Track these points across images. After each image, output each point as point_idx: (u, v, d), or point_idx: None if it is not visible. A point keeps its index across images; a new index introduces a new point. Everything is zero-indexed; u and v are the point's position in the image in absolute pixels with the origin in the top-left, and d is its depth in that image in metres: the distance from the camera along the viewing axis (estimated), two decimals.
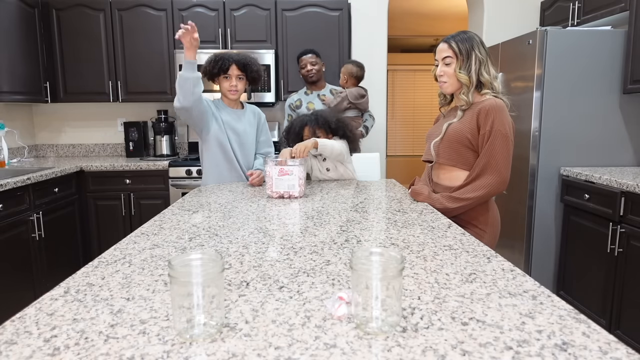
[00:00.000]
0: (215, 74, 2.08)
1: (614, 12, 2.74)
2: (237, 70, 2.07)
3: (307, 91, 3.00)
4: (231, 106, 2.19)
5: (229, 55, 2.07)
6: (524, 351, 0.63)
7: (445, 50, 1.62)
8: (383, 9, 3.65)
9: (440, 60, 1.64)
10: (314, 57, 2.93)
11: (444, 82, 1.65)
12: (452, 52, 1.60)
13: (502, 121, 1.54)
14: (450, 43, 1.60)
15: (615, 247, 2.27)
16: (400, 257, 0.71)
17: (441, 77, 1.64)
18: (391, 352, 0.63)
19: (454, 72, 1.61)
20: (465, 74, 1.59)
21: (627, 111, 2.77)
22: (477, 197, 1.58)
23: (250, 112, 2.26)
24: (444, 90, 1.68)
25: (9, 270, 2.40)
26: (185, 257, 0.72)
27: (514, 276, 0.91)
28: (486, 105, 1.56)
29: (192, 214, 1.50)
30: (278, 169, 1.76)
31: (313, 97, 2.97)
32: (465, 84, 1.60)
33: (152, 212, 3.13)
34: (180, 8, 3.33)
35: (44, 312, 0.76)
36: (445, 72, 1.63)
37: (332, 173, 2.20)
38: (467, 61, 1.59)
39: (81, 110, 3.76)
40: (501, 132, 1.54)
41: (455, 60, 1.60)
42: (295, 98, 2.98)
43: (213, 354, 0.63)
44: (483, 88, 1.61)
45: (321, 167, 2.20)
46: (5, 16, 2.92)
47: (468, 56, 1.58)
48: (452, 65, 1.61)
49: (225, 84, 2.10)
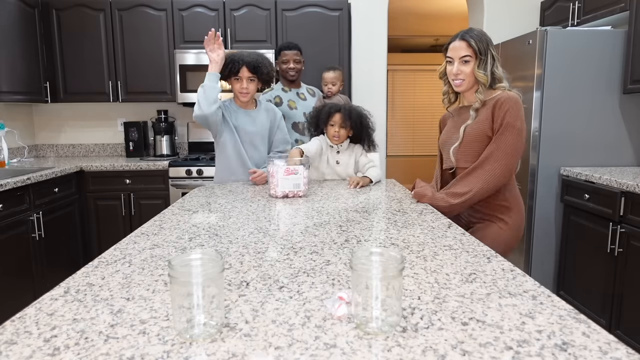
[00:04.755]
0: (226, 76, 2.07)
1: (614, 12, 2.74)
2: (248, 72, 2.05)
3: (285, 88, 2.78)
4: (243, 106, 2.17)
5: (240, 57, 2.05)
6: (524, 351, 0.63)
7: (464, 48, 1.57)
8: (383, 9, 3.65)
9: (458, 59, 1.59)
10: (298, 54, 2.75)
11: (460, 81, 1.60)
12: (471, 51, 1.56)
13: (515, 114, 1.52)
14: (470, 41, 1.56)
15: (615, 247, 2.27)
16: (400, 257, 0.71)
17: (457, 75, 1.60)
18: (391, 352, 0.63)
19: (471, 70, 1.57)
20: (483, 73, 1.56)
21: (627, 111, 2.77)
22: (479, 188, 1.55)
23: (264, 111, 2.22)
24: (458, 89, 1.64)
25: (9, 270, 2.39)
26: (185, 257, 0.72)
27: (514, 276, 0.91)
28: (501, 98, 1.54)
29: (192, 214, 1.50)
30: (284, 169, 1.76)
31: (292, 94, 2.79)
32: (483, 83, 1.57)
33: (152, 212, 3.13)
34: (180, 8, 3.33)
35: (44, 312, 0.76)
36: (462, 70, 1.58)
37: (340, 168, 2.18)
38: (485, 58, 1.56)
39: (81, 110, 3.76)
40: (512, 125, 1.52)
41: (474, 59, 1.57)
42: (273, 94, 2.73)
43: (213, 354, 0.63)
44: (495, 84, 1.59)
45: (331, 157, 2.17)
46: (5, 16, 2.92)
47: (486, 53, 1.56)
48: (470, 64, 1.57)
49: (236, 86, 2.08)
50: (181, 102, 3.38)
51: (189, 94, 3.35)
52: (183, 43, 3.36)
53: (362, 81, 3.68)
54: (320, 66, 3.00)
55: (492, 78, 1.58)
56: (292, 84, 2.82)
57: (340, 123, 2.07)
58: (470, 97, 1.65)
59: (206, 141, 3.69)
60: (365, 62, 3.68)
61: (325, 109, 2.12)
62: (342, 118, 2.07)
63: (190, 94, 3.34)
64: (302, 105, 2.79)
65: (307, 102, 2.85)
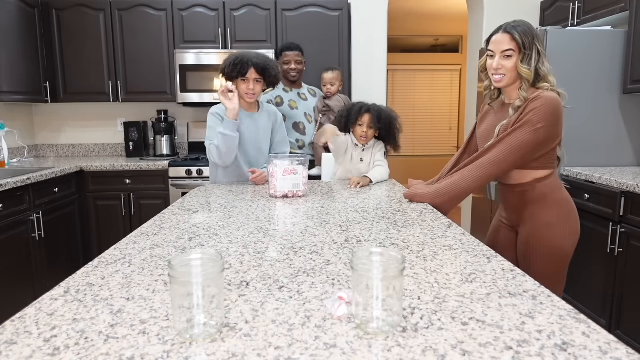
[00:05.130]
0: (233, 76, 2.06)
1: (614, 12, 2.74)
2: (255, 73, 2.05)
3: (286, 88, 2.80)
4: (246, 108, 2.16)
5: (248, 59, 2.05)
6: (524, 351, 0.63)
7: (507, 42, 1.48)
8: (383, 9, 3.65)
9: (499, 53, 1.50)
10: (300, 55, 2.77)
11: (501, 76, 1.52)
12: (515, 45, 1.47)
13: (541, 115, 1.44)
14: (514, 35, 1.47)
15: (615, 247, 2.27)
16: (401, 257, 0.71)
17: (498, 70, 1.51)
18: (391, 352, 0.63)
19: (514, 65, 1.48)
20: (527, 69, 1.47)
21: (627, 111, 2.77)
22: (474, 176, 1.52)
23: (265, 113, 2.22)
24: (499, 84, 1.56)
25: (9, 270, 2.39)
26: (185, 257, 0.72)
27: (514, 276, 0.91)
28: (536, 97, 1.47)
29: (192, 214, 1.50)
30: (283, 169, 1.76)
31: (293, 94, 2.80)
32: (527, 79, 1.48)
33: (152, 212, 3.13)
34: (180, 8, 3.33)
35: (44, 312, 0.76)
36: (504, 65, 1.50)
37: (362, 165, 2.17)
38: (530, 54, 1.47)
39: (81, 110, 3.76)
40: (532, 123, 1.44)
41: (518, 54, 1.47)
42: (275, 94, 2.74)
43: (213, 354, 0.63)
44: (539, 82, 1.51)
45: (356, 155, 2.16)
46: (5, 16, 2.92)
47: (531, 48, 1.47)
48: (513, 59, 1.48)
49: (242, 87, 2.07)
50: (181, 102, 3.38)
51: (189, 93, 3.34)
52: (183, 43, 3.36)
53: (362, 81, 3.68)
54: (320, 66, 3.00)
55: (537, 75, 1.50)
56: (294, 85, 2.82)
57: (369, 124, 2.07)
58: (511, 93, 1.58)
59: None
60: (365, 62, 3.68)
61: (356, 108, 2.11)
62: (372, 119, 2.07)
63: (190, 94, 3.34)
64: (303, 105, 2.79)
65: (308, 103, 2.85)
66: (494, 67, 1.52)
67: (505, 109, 1.61)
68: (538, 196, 1.55)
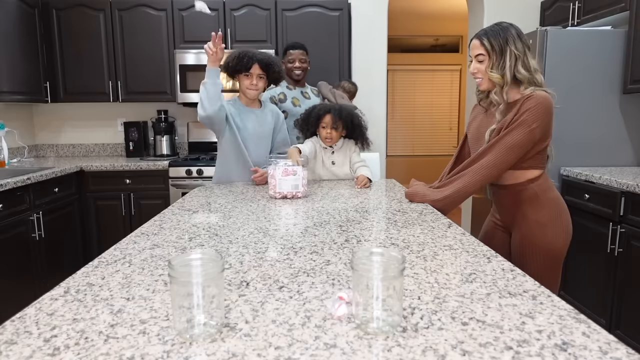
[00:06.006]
0: (237, 70, 2.06)
1: (614, 12, 2.74)
2: (259, 69, 2.06)
3: (290, 86, 2.81)
4: (248, 105, 2.16)
5: (252, 54, 2.06)
6: (524, 351, 0.63)
7: (477, 47, 1.52)
8: (383, 9, 3.65)
9: (474, 57, 1.54)
10: (304, 54, 2.77)
11: (479, 79, 1.56)
12: (484, 50, 1.50)
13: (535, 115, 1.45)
14: (482, 40, 1.50)
15: (615, 247, 2.27)
16: (401, 258, 0.71)
17: (475, 74, 1.56)
18: (391, 352, 0.63)
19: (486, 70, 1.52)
20: (497, 73, 1.48)
21: (627, 111, 2.77)
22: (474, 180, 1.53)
23: (268, 112, 2.23)
24: (481, 87, 1.59)
25: (9, 270, 2.39)
26: (185, 257, 0.72)
27: (514, 276, 0.91)
28: (531, 99, 1.46)
29: (192, 214, 1.50)
30: (282, 170, 1.76)
31: (297, 93, 2.80)
32: (498, 84, 1.50)
33: (152, 212, 3.13)
34: (180, 8, 3.33)
35: (44, 312, 0.76)
36: (478, 69, 1.53)
37: (336, 168, 2.17)
38: (501, 58, 1.47)
39: (81, 110, 3.76)
40: (528, 123, 1.45)
41: (488, 58, 1.50)
42: (278, 91, 2.75)
43: (213, 354, 0.63)
44: (525, 83, 1.50)
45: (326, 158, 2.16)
46: (5, 16, 2.92)
47: (502, 52, 1.47)
48: (484, 63, 1.51)
49: (245, 82, 2.08)
50: (181, 102, 3.38)
51: (189, 94, 3.35)
52: (183, 43, 3.36)
53: (362, 81, 3.67)
54: (320, 66, 3.01)
55: (516, 78, 1.49)
56: (297, 83, 2.84)
57: (331, 124, 2.07)
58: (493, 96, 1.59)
59: (206, 141, 3.69)
60: (365, 62, 3.68)
61: (315, 110, 2.11)
62: (333, 119, 2.06)
63: (191, 94, 3.34)
64: (306, 104, 2.80)
65: (311, 102, 2.86)
66: (470, 71, 1.58)
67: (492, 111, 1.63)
68: (530, 196, 1.56)
